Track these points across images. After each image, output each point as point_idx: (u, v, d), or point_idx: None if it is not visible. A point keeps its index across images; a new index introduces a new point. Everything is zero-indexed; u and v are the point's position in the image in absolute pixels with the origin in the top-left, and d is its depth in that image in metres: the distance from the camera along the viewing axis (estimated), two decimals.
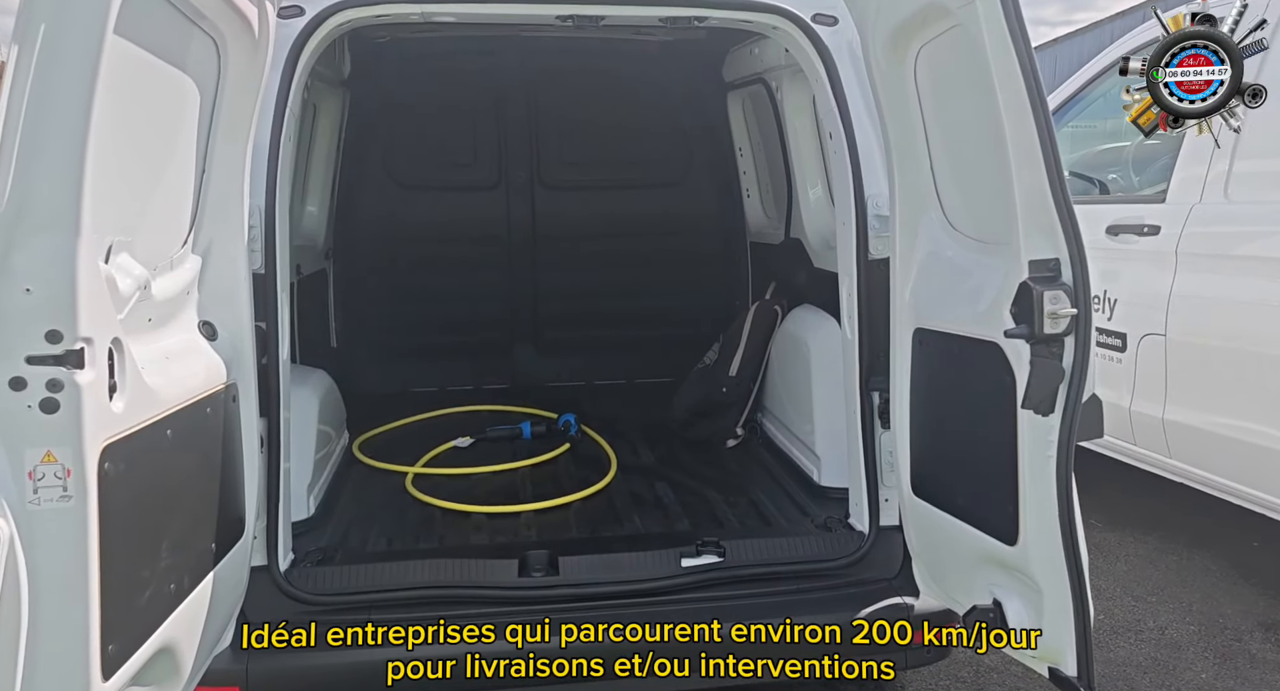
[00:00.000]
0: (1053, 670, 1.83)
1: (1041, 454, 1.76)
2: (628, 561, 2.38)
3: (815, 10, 2.37)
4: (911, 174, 2.16)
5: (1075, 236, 1.70)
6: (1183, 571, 3.50)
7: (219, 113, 1.87)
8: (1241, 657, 2.92)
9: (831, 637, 2.30)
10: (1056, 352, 1.72)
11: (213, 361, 1.90)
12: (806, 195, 3.30)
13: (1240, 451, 3.17)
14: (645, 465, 3.28)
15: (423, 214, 4.14)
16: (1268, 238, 3.12)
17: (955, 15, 1.75)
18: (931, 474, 2.18)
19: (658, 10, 2.43)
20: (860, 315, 2.43)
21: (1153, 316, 3.47)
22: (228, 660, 2.05)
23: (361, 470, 3.18)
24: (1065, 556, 1.74)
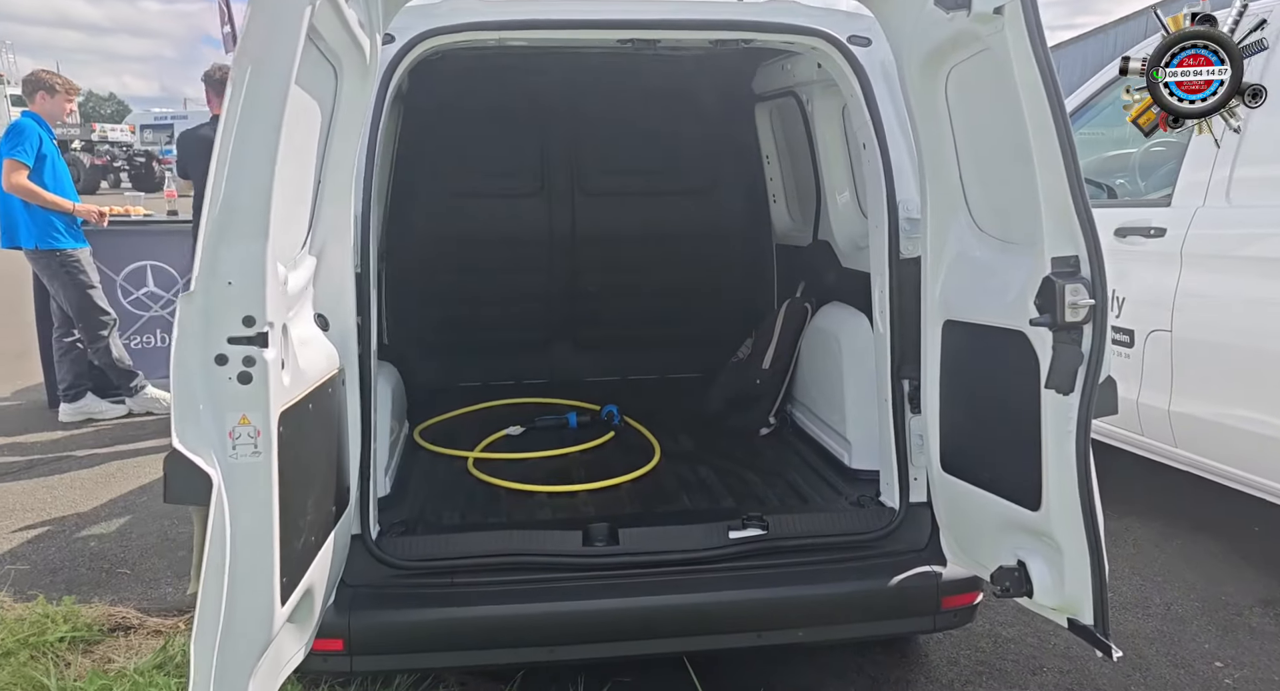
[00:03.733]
0: (1072, 620, 2.05)
1: (1063, 428, 1.98)
2: (680, 533, 2.61)
3: (851, 32, 2.61)
4: (942, 181, 2.39)
5: (1093, 236, 1.92)
6: (1187, 553, 3.72)
7: (334, 130, 2.12)
8: (1242, 630, 3.14)
9: (867, 601, 2.55)
10: (1076, 339, 1.95)
11: (329, 350, 2.14)
12: (835, 200, 3.53)
13: (1242, 440, 3.39)
14: (686, 451, 3.51)
15: (469, 219, 4.39)
16: (1267, 239, 3.34)
17: (985, 40, 1.98)
18: (960, 451, 2.40)
19: (710, 34, 2.67)
20: (892, 310, 2.66)
21: (1159, 314, 3.69)
22: (332, 615, 2.28)
23: (425, 455, 3.42)
24: (1084, 518, 1.97)
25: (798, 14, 2.68)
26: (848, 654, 2.99)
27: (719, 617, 2.51)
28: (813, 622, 2.55)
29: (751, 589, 2.50)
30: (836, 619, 2.57)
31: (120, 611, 3.24)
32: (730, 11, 2.72)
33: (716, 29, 2.65)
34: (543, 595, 2.42)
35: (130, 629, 3.15)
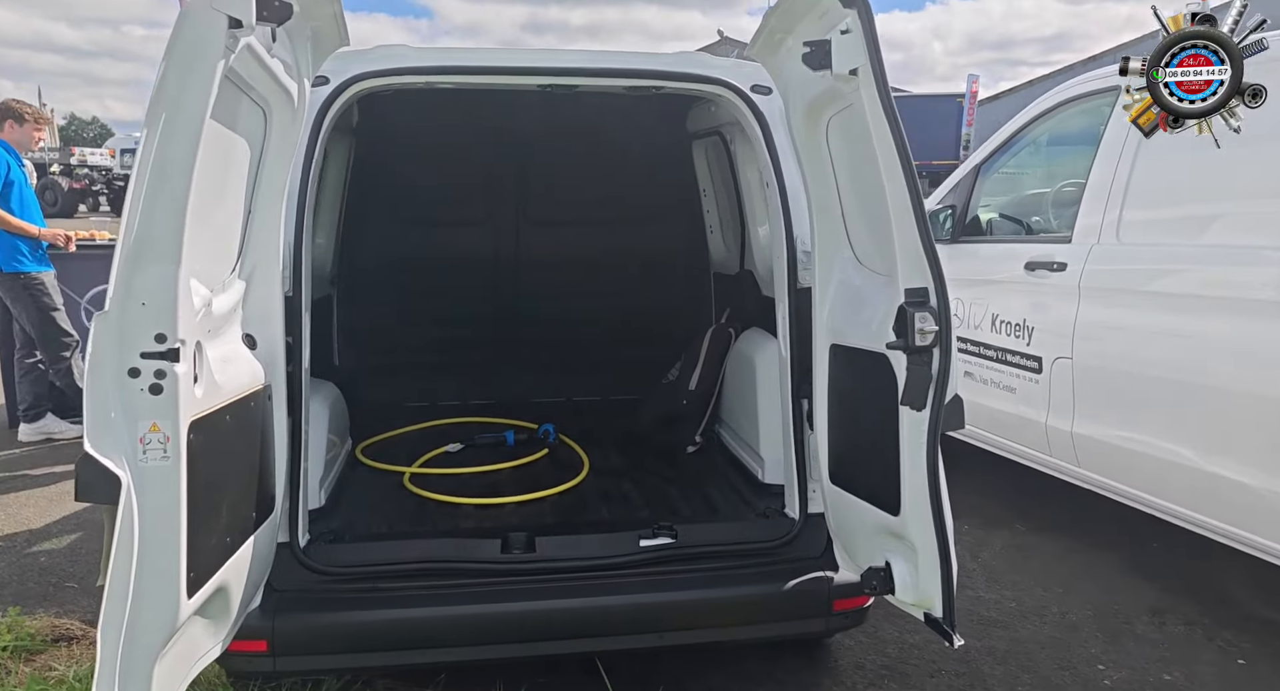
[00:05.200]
0: (927, 614, 2.27)
1: (916, 441, 2.21)
2: (594, 541, 2.80)
3: (753, 82, 2.87)
4: (827, 218, 2.64)
5: (937, 270, 2.16)
6: (1088, 567, 3.95)
7: (263, 166, 2.33)
8: (1128, 637, 3.36)
9: (764, 604, 2.75)
10: (926, 361, 2.18)
11: (255, 366, 2.33)
12: (756, 232, 3.78)
13: (1136, 461, 3.63)
14: (615, 467, 3.72)
15: (419, 246, 4.60)
16: (1151, 274, 3.61)
17: (848, 97, 2.24)
18: (843, 464, 2.63)
19: (622, 81, 2.92)
20: (792, 335, 2.89)
21: (1062, 343, 3.95)
22: (256, 618, 2.44)
23: (364, 471, 3.60)
24: (934, 521, 2.19)
25: (704, 65, 2.95)
26: (758, 658, 3.18)
27: (624, 619, 2.69)
28: (713, 624, 2.75)
29: (656, 592, 2.69)
30: (735, 620, 2.76)
31: (65, 623, 3.37)
32: (641, 61, 2.97)
33: (628, 77, 2.90)
34: (461, 599, 2.59)
35: (73, 639, 3.28)
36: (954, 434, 4.61)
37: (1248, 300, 3.09)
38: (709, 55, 3.09)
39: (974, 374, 4.56)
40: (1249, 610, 3.48)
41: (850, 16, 2.07)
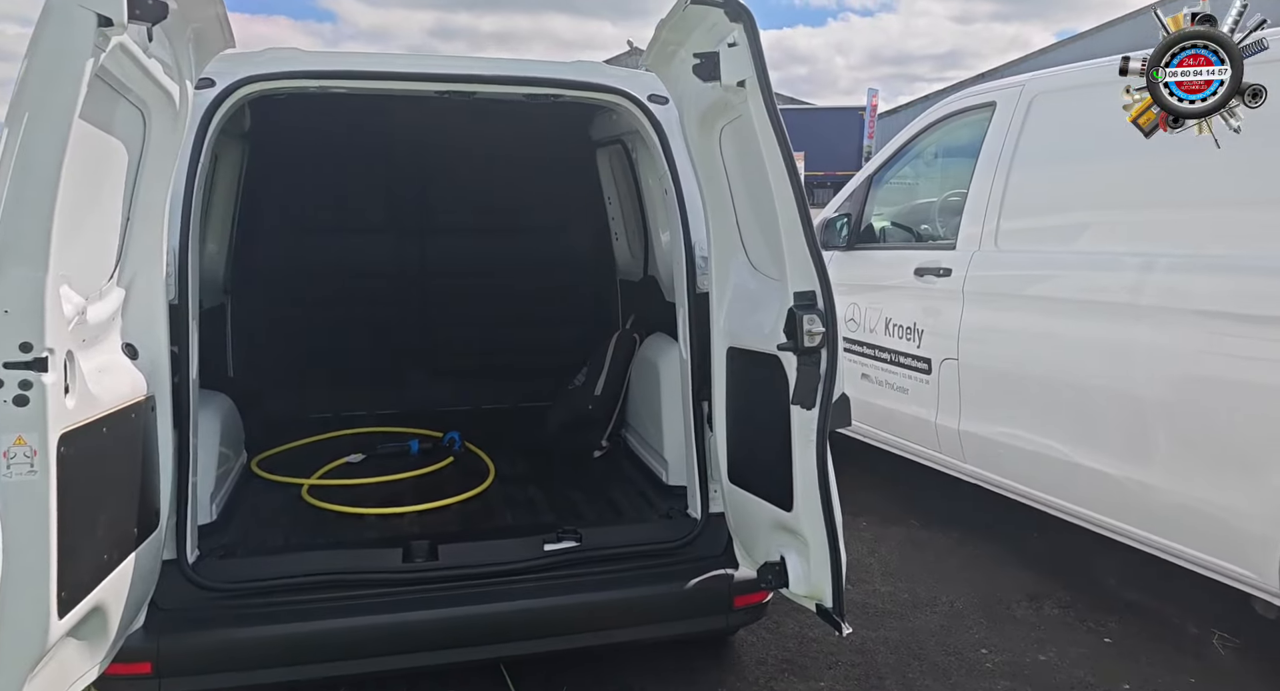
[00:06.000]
0: (819, 605, 2.36)
1: (806, 438, 2.30)
2: (497, 547, 2.81)
3: (650, 92, 2.94)
4: (722, 224, 2.72)
5: (824, 275, 2.26)
6: (975, 557, 4.16)
7: (143, 169, 2.24)
8: (1008, 621, 3.56)
9: (667, 603, 2.80)
10: (815, 361, 2.28)
11: (135, 377, 2.24)
12: (659, 239, 3.86)
13: (1016, 456, 3.85)
14: (521, 474, 3.72)
15: (316, 254, 4.50)
16: (1027, 279, 3.85)
17: (737, 108, 2.32)
18: (740, 463, 2.71)
19: (520, 89, 2.95)
20: (692, 339, 2.97)
21: (949, 344, 4.16)
22: (140, 639, 2.34)
23: (260, 484, 3.49)
24: (824, 516, 2.28)
25: (602, 75, 3.00)
26: (665, 656, 3.23)
27: (529, 623, 2.70)
28: (618, 624, 2.78)
29: (560, 595, 2.71)
30: (640, 620, 2.80)
31: None
32: (539, 70, 3.00)
33: (526, 85, 2.93)
34: (360, 610, 2.55)
35: None
36: (852, 434, 4.86)
37: (1108, 303, 3.33)
38: (607, 65, 3.14)
39: (870, 376, 4.75)
40: (1115, 592, 3.74)
41: (737, 30, 2.16)
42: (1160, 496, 3.13)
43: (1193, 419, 3.02)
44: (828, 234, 5.01)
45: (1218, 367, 2.96)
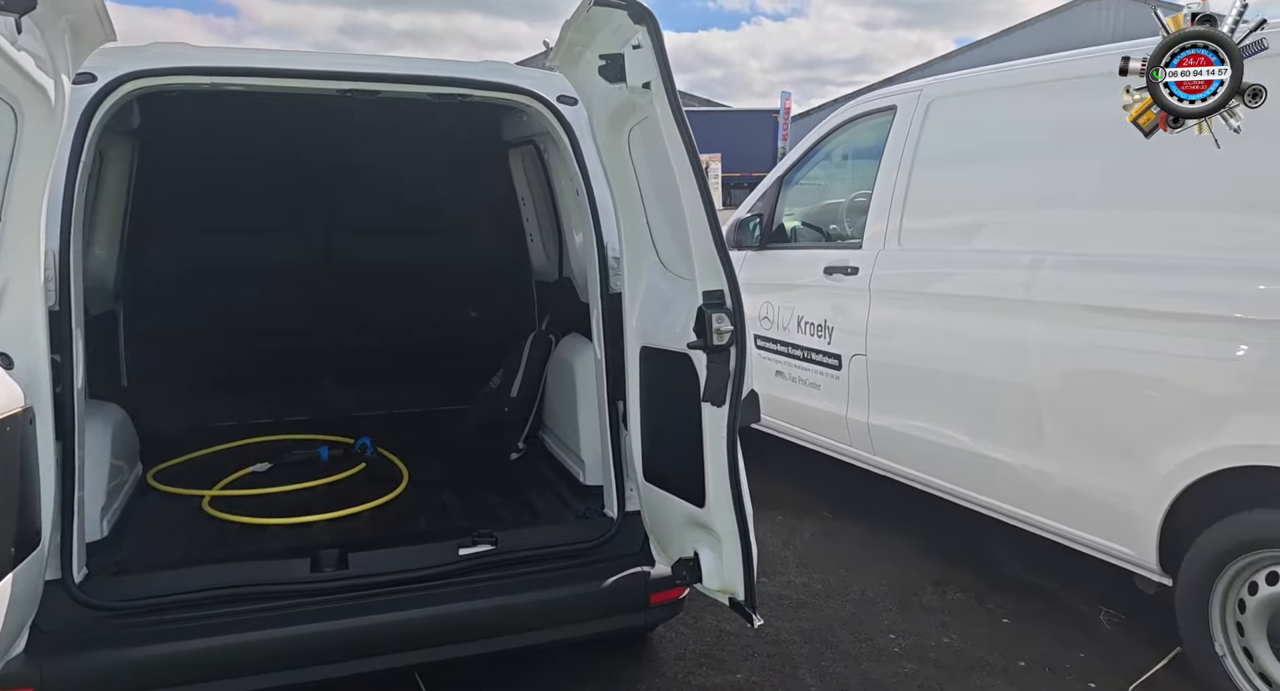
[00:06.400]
0: (731, 599, 2.41)
1: (717, 435, 2.34)
2: (410, 553, 2.76)
3: (559, 92, 2.94)
4: (634, 225, 2.75)
5: (731, 274, 2.30)
6: (885, 547, 4.30)
7: (15, 168, 2.11)
8: (916, 607, 3.70)
9: (584, 603, 2.80)
10: (724, 359, 2.32)
11: (11, 388, 2.11)
12: (573, 240, 3.86)
13: (921, 447, 3.99)
14: (435, 478, 3.66)
15: (216, 256, 4.33)
16: (929, 277, 4.00)
17: (644, 109, 2.35)
18: (655, 461, 2.73)
19: (424, 88, 2.90)
20: (605, 339, 2.98)
21: (858, 341, 4.29)
22: (20, 664, 2.21)
23: (157, 498, 3.35)
24: (735, 511, 2.33)
25: (510, 75, 2.98)
26: (583, 656, 3.23)
27: (444, 629, 2.66)
28: (535, 626, 2.77)
29: (476, 599, 2.68)
30: (557, 621, 2.80)
31: None
32: (445, 69, 2.96)
33: (431, 84, 2.89)
34: (264, 623, 2.47)
35: None
36: (768, 429, 4.95)
37: (1004, 299, 3.48)
38: (515, 65, 3.12)
39: (784, 373, 4.86)
40: (1014, 575, 3.92)
41: (640, 32, 2.18)
42: (1053, 482, 3.30)
43: (1081, 408, 3.19)
44: (741, 234, 5.09)
45: (1102, 360, 3.13)
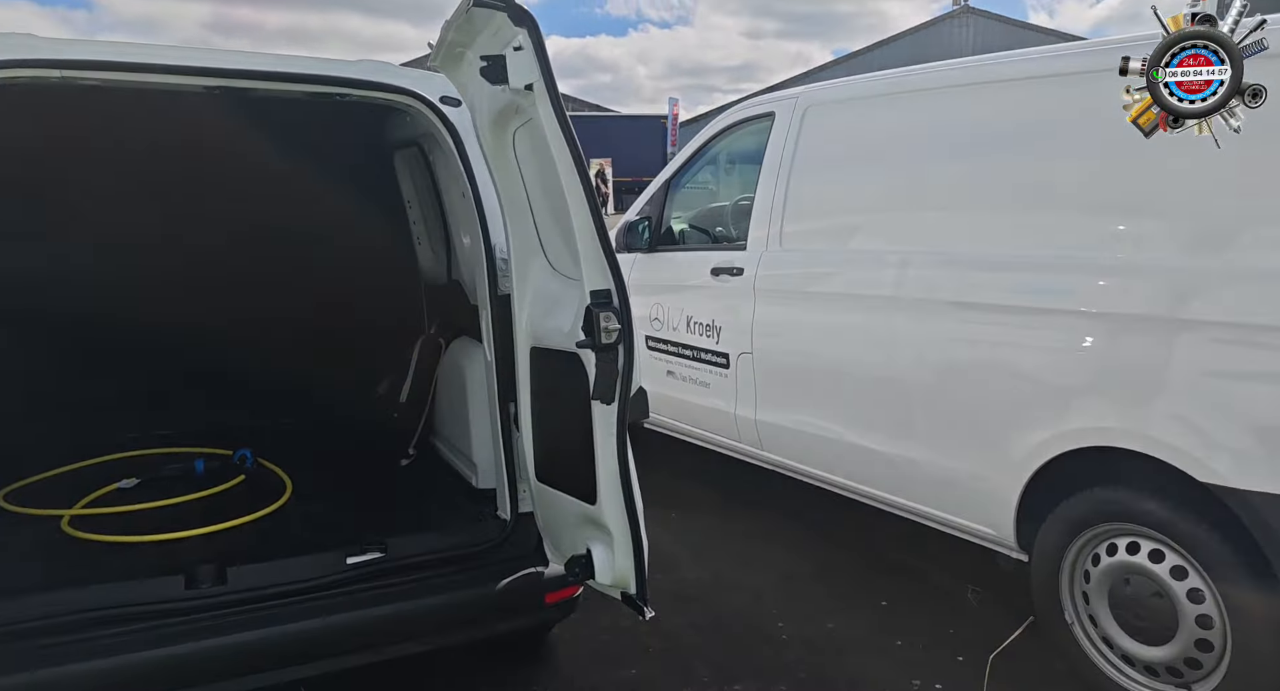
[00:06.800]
0: (624, 593, 2.45)
1: (607, 432, 2.38)
2: (294, 565, 2.68)
3: (442, 93, 2.91)
4: (521, 226, 2.75)
5: (617, 274, 2.34)
6: (774, 538, 4.45)
7: None
8: (802, 594, 3.85)
9: (478, 606, 2.79)
10: (612, 358, 2.36)
11: None
12: (461, 242, 3.82)
13: (805, 441, 4.15)
14: (322, 488, 3.55)
15: (75, 264, 4.06)
16: (808, 277, 4.17)
17: (528, 111, 2.36)
18: (547, 461, 2.75)
19: (301, 87, 2.81)
20: (495, 341, 2.97)
21: (744, 339, 4.42)
22: None
23: (9, 521, 3.12)
24: (625, 506, 2.37)
25: (390, 74, 2.94)
26: (479, 658, 3.21)
27: (334, 640, 2.60)
28: (429, 632, 2.74)
29: (367, 608, 2.63)
30: (451, 625, 2.78)
31: None
32: (322, 67, 2.88)
33: (306, 83, 2.81)
34: (134, 645, 2.35)
35: None
36: (660, 428, 5.03)
37: (877, 297, 3.67)
38: (396, 65, 3.08)
39: (675, 372, 4.95)
40: (892, 559, 4.13)
41: (521, 34, 2.19)
42: (923, 469, 3.50)
43: (946, 398, 3.40)
44: (630, 237, 5.16)
45: (964, 352, 3.35)
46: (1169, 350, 2.72)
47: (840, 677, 3.20)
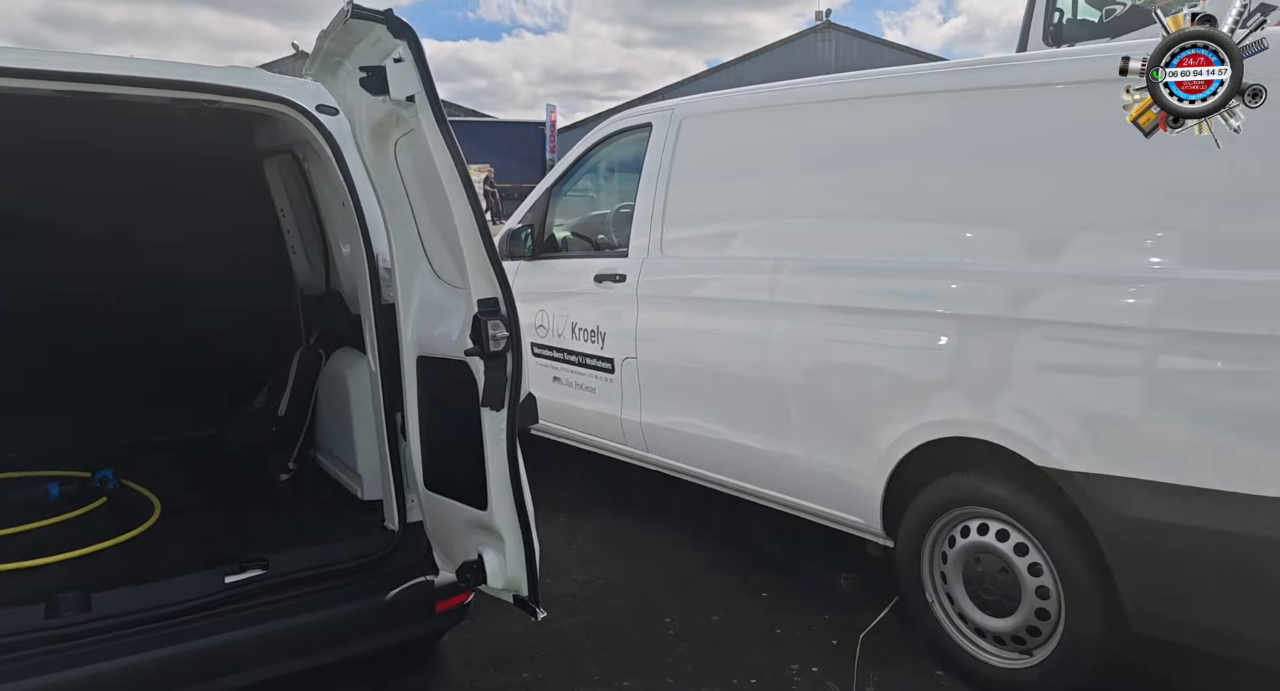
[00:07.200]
0: (516, 596, 2.49)
1: (497, 438, 2.42)
2: (167, 587, 2.58)
3: (318, 101, 2.87)
4: (404, 236, 2.75)
5: (504, 281, 2.39)
6: (661, 538, 4.56)
7: None
8: (689, 591, 3.97)
9: (367, 618, 2.76)
10: (501, 365, 2.40)
11: None
12: (340, 251, 3.76)
13: (689, 442, 4.28)
14: (195, 507, 3.42)
15: None
16: (687, 283, 4.31)
17: (409, 121, 2.38)
18: (436, 469, 2.75)
19: (165, 93, 2.71)
20: (380, 350, 2.95)
21: (629, 344, 4.52)
22: None
23: None
24: (517, 511, 2.42)
25: (263, 81, 2.87)
26: (370, 672, 3.16)
27: (213, 662, 2.52)
28: (316, 647, 2.69)
29: (249, 627, 2.56)
30: (339, 640, 2.74)
31: None
32: (189, 73, 2.78)
33: (171, 89, 2.70)
34: None
35: None
36: (547, 434, 5.06)
37: (753, 301, 3.85)
38: (266, 72, 3.00)
39: (561, 378, 5.00)
40: (771, 552, 4.33)
41: (401, 46, 2.21)
42: (798, 464, 3.70)
43: (818, 397, 3.61)
44: (513, 244, 5.18)
45: (833, 353, 3.56)
46: (1012, 347, 2.99)
47: (724, 667, 3.33)
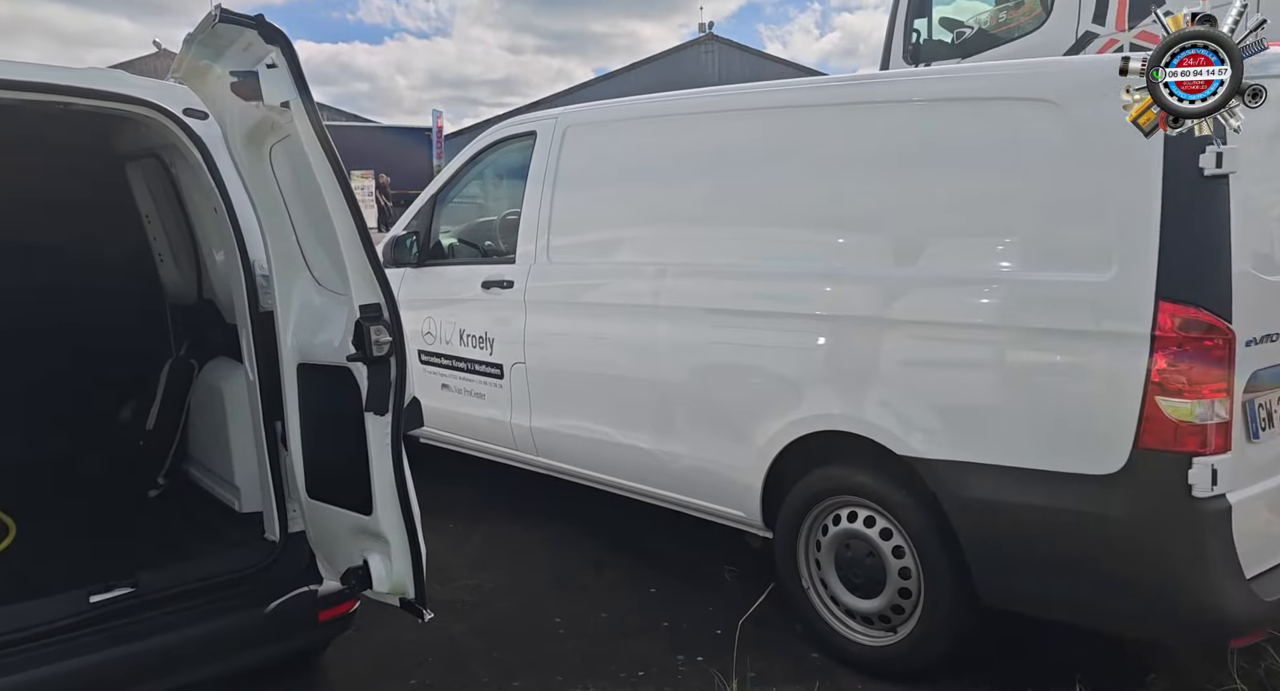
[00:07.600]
0: (403, 599, 2.50)
1: (382, 442, 2.42)
2: (23, 610, 2.46)
3: (186, 105, 2.79)
4: (282, 242, 2.71)
5: (386, 287, 2.41)
6: (551, 540, 4.60)
7: None
8: (578, 591, 4.03)
9: (247, 631, 2.70)
10: (384, 369, 2.41)
11: None
12: (213, 259, 3.64)
13: (578, 444, 4.35)
14: (56, 527, 3.25)
15: None
16: (573, 288, 4.38)
17: (285, 128, 2.36)
18: (319, 477, 2.73)
19: (14, 95, 2.57)
20: (258, 359, 2.89)
21: (517, 350, 4.55)
22: None
23: None
24: (402, 515, 2.43)
25: (125, 84, 2.77)
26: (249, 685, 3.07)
27: (80, 686, 2.42)
28: (191, 665, 2.61)
29: (118, 646, 2.47)
30: (216, 655, 2.67)
31: None
32: (42, 74, 2.64)
33: (22, 90, 2.58)
34: None
35: None
36: (436, 441, 5.03)
37: (638, 306, 3.96)
38: (126, 73, 2.89)
39: (450, 385, 4.98)
40: (659, 548, 4.44)
41: (274, 52, 2.20)
42: (682, 461, 3.83)
43: (701, 396, 3.75)
44: (399, 251, 5.13)
45: (715, 354, 3.71)
46: (878, 345, 3.21)
47: (612, 661, 3.41)
